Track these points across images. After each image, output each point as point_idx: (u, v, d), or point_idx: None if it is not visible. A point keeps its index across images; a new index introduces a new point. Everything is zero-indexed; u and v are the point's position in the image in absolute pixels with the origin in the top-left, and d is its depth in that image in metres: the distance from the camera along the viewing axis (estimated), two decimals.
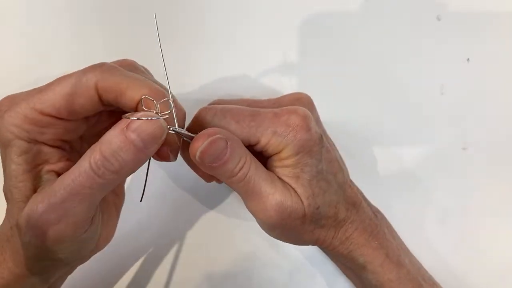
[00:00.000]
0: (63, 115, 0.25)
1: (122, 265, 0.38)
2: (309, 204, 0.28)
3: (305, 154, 0.28)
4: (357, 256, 0.31)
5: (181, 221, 0.39)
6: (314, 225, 0.30)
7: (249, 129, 0.28)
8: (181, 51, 0.38)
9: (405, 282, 0.32)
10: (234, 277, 0.38)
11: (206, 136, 0.26)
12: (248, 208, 0.29)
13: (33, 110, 0.24)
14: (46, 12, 0.38)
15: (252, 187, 0.27)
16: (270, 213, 0.28)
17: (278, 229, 0.29)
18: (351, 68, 0.39)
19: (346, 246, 0.31)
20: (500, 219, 0.38)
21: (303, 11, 0.38)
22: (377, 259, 0.31)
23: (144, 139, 0.23)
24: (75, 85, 0.24)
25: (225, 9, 0.38)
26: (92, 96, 0.25)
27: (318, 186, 0.29)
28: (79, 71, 0.25)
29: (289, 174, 0.28)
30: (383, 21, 0.39)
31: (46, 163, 0.26)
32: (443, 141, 0.39)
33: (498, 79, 0.39)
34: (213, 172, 0.27)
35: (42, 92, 0.25)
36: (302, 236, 0.30)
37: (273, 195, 0.27)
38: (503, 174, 0.39)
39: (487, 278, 0.38)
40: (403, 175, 0.39)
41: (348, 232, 0.31)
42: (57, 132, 0.25)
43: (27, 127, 0.24)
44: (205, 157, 0.26)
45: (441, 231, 0.38)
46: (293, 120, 0.28)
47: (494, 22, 0.39)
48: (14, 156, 0.24)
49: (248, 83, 0.39)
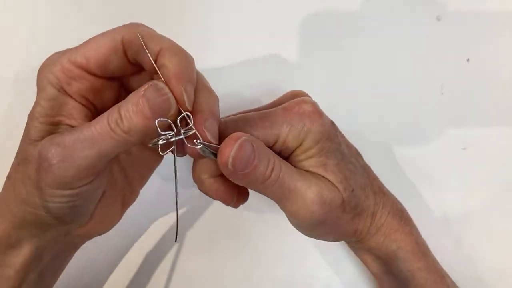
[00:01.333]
0: (92, 67, 0.26)
1: (122, 265, 0.38)
2: (344, 188, 0.28)
3: (326, 140, 0.28)
4: (391, 242, 0.31)
5: (182, 220, 0.39)
6: (353, 212, 0.29)
7: (264, 130, 0.27)
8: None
9: (432, 272, 0.32)
10: (235, 278, 0.38)
11: (234, 140, 0.25)
12: (286, 210, 0.28)
13: (68, 61, 0.25)
14: (48, 7, 0.38)
15: (287, 187, 0.27)
16: (312, 208, 0.27)
17: (321, 225, 0.28)
18: (351, 68, 0.39)
19: (382, 232, 0.31)
20: (500, 219, 0.38)
21: (303, 11, 0.38)
22: (408, 245, 0.31)
23: (153, 108, 0.23)
24: (106, 38, 0.25)
25: (224, 9, 0.39)
26: (118, 48, 0.25)
27: (347, 169, 0.29)
28: (111, 29, 0.26)
29: (315, 164, 0.28)
30: (383, 21, 0.39)
31: (68, 116, 0.27)
32: (443, 141, 0.39)
33: (498, 79, 0.39)
34: (244, 180, 0.26)
35: (80, 46, 0.26)
36: (343, 227, 0.29)
37: (310, 189, 0.27)
38: (503, 174, 0.39)
39: (487, 278, 0.38)
40: (403, 175, 0.39)
41: (383, 218, 0.31)
42: (83, 87, 0.26)
43: (58, 74, 0.26)
44: (237, 164, 0.25)
45: (441, 231, 0.38)
46: (305, 109, 0.28)
47: (494, 22, 0.39)
48: (42, 100, 0.26)
49: (248, 83, 0.39)
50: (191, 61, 0.26)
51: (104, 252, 0.37)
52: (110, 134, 0.24)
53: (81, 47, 0.26)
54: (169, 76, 0.24)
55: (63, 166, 0.24)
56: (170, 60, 0.24)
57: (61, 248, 0.30)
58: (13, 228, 0.27)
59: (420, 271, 0.31)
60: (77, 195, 0.26)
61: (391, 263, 0.32)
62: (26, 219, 0.27)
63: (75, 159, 0.24)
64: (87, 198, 0.27)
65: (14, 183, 0.27)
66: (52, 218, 0.26)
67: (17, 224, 0.27)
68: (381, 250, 0.31)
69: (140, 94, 0.23)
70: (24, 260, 0.28)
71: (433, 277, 0.32)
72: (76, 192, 0.25)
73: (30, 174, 0.25)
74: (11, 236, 0.27)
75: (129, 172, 0.32)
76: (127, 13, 0.38)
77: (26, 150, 0.26)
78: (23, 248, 0.28)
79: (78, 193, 0.25)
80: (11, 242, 0.27)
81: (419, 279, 0.31)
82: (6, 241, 0.27)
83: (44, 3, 0.38)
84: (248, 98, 0.38)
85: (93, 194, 0.27)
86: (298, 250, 0.39)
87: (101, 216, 0.29)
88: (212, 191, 0.29)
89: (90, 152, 0.24)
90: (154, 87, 0.24)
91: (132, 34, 0.25)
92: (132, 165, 0.32)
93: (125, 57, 0.26)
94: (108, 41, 0.25)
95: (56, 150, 0.24)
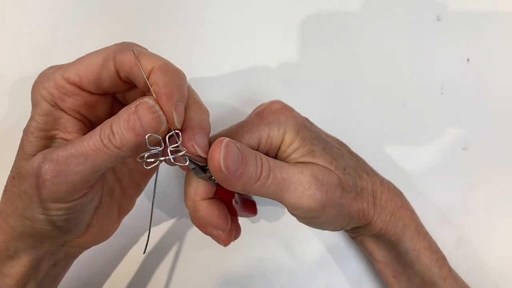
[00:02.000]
0: (85, 85, 0.26)
1: (122, 265, 0.38)
2: (336, 167, 0.29)
3: (304, 129, 0.29)
4: (397, 220, 0.31)
5: (183, 220, 0.39)
6: (354, 191, 0.29)
7: (244, 136, 0.28)
8: (180, 52, 0.38)
9: (435, 251, 0.32)
10: (235, 277, 0.38)
11: (219, 143, 0.25)
12: (288, 203, 0.28)
13: (62, 78, 0.26)
14: (47, 9, 0.38)
15: (281, 178, 0.27)
16: (311, 191, 0.27)
17: (328, 208, 0.28)
18: (351, 68, 0.39)
19: (388, 210, 0.31)
20: (500, 219, 0.38)
21: (303, 11, 0.38)
22: (413, 223, 0.32)
23: (143, 125, 0.24)
24: (98, 57, 0.26)
25: (224, 9, 0.38)
26: (110, 67, 0.26)
27: (333, 152, 0.29)
28: (104, 47, 0.27)
29: (302, 154, 0.28)
30: (383, 21, 0.39)
31: (62, 130, 0.27)
32: (443, 141, 0.39)
33: (498, 79, 0.39)
34: (240, 183, 0.26)
35: (73, 62, 0.27)
36: (350, 208, 0.29)
37: (303, 174, 0.27)
38: (503, 174, 0.39)
39: (487, 278, 0.38)
40: (403, 175, 0.39)
41: (384, 195, 0.31)
42: (76, 103, 0.27)
43: (52, 91, 0.26)
44: (228, 164, 0.25)
45: (441, 231, 0.38)
46: (276, 107, 0.29)
47: (494, 22, 0.39)
48: (36, 115, 0.27)
49: (248, 84, 0.39)
50: (183, 78, 0.26)
51: (104, 252, 0.37)
52: (103, 150, 0.24)
53: (74, 64, 0.26)
54: (160, 95, 0.24)
55: (56, 181, 0.24)
56: (162, 78, 0.25)
57: (59, 258, 0.30)
58: (11, 240, 0.27)
59: (425, 250, 0.32)
60: (72, 208, 0.26)
61: (398, 244, 0.32)
62: (24, 232, 0.27)
63: (68, 174, 0.24)
64: (82, 210, 0.27)
65: (10, 197, 0.27)
66: (49, 230, 0.27)
67: (16, 236, 0.27)
68: (388, 230, 0.31)
69: (131, 110, 0.24)
70: (23, 271, 0.28)
71: (436, 257, 0.32)
72: (71, 205, 0.26)
73: (25, 189, 0.25)
74: (9, 247, 0.28)
75: (124, 182, 0.32)
76: (126, 15, 0.38)
77: (20, 165, 0.26)
78: (21, 259, 0.28)
79: (73, 206, 0.26)
80: (10, 254, 0.28)
81: (424, 258, 0.32)
82: (4, 252, 0.28)
83: (44, 4, 0.38)
84: (244, 100, 0.38)
85: (88, 205, 0.28)
86: (298, 249, 0.39)
87: (98, 226, 0.30)
88: (205, 215, 0.28)
89: (83, 167, 0.24)
90: (145, 104, 0.24)
91: (125, 54, 0.25)
92: (127, 175, 0.32)
93: (117, 75, 0.26)
94: (100, 60, 0.26)
95: (49, 166, 0.24)
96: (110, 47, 0.26)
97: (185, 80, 0.26)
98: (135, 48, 0.26)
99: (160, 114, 0.24)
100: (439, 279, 0.32)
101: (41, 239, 0.28)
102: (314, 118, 0.32)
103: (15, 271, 0.28)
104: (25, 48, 0.38)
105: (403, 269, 0.33)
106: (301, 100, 0.34)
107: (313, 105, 0.36)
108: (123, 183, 0.32)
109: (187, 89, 0.26)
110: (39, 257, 0.29)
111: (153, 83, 0.25)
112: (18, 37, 0.38)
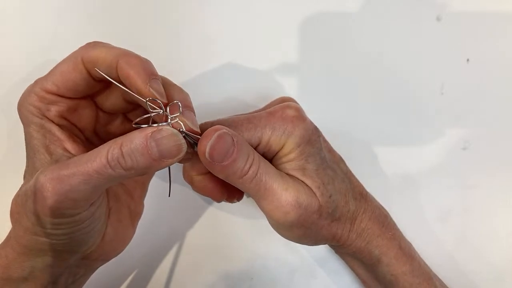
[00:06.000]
0: (62, 91, 0.27)
1: (122, 265, 0.38)
2: (322, 193, 0.28)
3: (306, 144, 0.28)
4: (373, 248, 0.31)
5: (182, 220, 0.39)
6: (330, 218, 0.29)
7: (247, 131, 0.28)
8: (180, 51, 0.38)
9: (418, 275, 0.32)
10: (236, 277, 0.38)
11: (213, 131, 0.25)
12: (262, 209, 0.28)
13: (41, 90, 0.27)
14: (48, 9, 0.38)
15: (264, 185, 0.27)
16: (286, 209, 0.27)
17: (296, 228, 0.28)
18: (351, 68, 0.39)
19: (363, 238, 0.31)
20: (500, 219, 0.38)
21: (303, 11, 0.38)
22: (391, 250, 0.31)
23: (162, 152, 0.24)
24: (68, 63, 0.27)
25: (224, 9, 0.38)
26: (80, 70, 0.26)
27: (326, 174, 0.29)
28: (72, 52, 0.27)
29: (295, 167, 0.28)
30: (383, 21, 0.39)
31: (57, 141, 0.27)
32: (443, 141, 0.39)
33: (498, 79, 0.39)
34: (223, 173, 0.27)
35: (49, 74, 0.27)
36: (320, 232, 0.29)
37: (287, 191, 0.27)
38: (503, 174, 0.39)
39: (487, 278, 0.38)
40: (403, 175, 0.39)
41: (363, 223, 0.31)
42: (61, 109, 0.27)
43: (37, 104, 0.27)
44: (214, 154, 0.25)
45: (441, 231, 0.38)
46: (288, 113, 0.29)
47: (494, 22, 0.39)
48: (33, 132, 0.27)
49: (248, 84, 0.39)
50: (149, 61, 0.26)
51: None
52: (108, 172, 0.24)
53: (49, 76, 0.27)
54: (134, 77, 0.25)
55: (58, 199, 0.24)
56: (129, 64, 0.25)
57: (79, 273, 0.30)
58: (27, 261, 0.27)
59: (405, 275, 0.31)
60: (78, 221, 0.26)
61: (375, 268, 0.32)
62: (42, 250, 0.27)
63: (70, 193, 0.24)
64: (90, 220, 0.27)
65: (19, 218, 0.27)
66: (65, 244, 0.27)
67: (31, 255, 0.27)
68: (363, 255, 0.32)
69: (147, 135, 0.24)
70: None
71: (418, 280, 0.32)
72: (76, 218, 0.26)
73: (30, 206, 0.25)
74: (24, 269, 0.27)
75: (128, 184, 0.32)
76: (126, 13, 0.38)
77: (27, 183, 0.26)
78: (38, 279, 0.28)
79: (79, 219, 0.26)
80: (25, 275, 0.27)
81: (403, 282, 0.31)
82: (19, 274, 0.27)
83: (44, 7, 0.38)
84: (246, 102, 0.38)
85: (96, 213, 0.27)
86: (299, 249, 0.39)
87: (113, 233, 0.30)
88: (200, 188, 0.30)
89: (85, 187, 0.24)
90: (167, 132, 0.24)
91: (89, 54, 0.26)
92: None
93: (90, 76, 0.27)
94: (71, 66, 0.26)
95: (50, 184, 0.24)
96: (76, 51, 0.27)
97: (151, 64, 0.26)
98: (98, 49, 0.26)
99: (183, 143, 0.25)
100: None
101: (60, 254, 0.27)
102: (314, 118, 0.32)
103: None
104: (25, 48, 0.38)
105: None
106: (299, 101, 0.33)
107: (313, 105, 0.36)
108: (127, 186, 0.32)
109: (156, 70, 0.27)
110: (58, 274, 0.28)
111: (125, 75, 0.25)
112: (18, 37, 0.38)
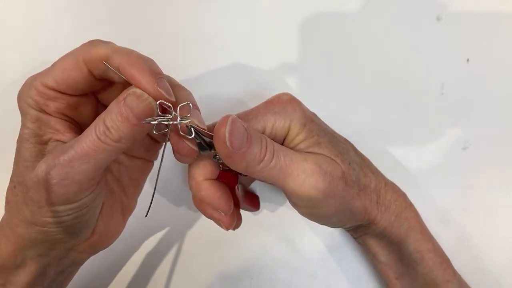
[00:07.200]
0: (63, 88, 0.27)
1: (122, 265, 0.38)
2: (342, 160, 0.28)
3: (311, 122, 0.29)
4: (402, 221, 0.31)
5: (182, 220, 0.39)
6: (356, 186, 0.29)
7: (250, 122, 0.28)
8: (180, 51, 0.38)
9: (439, 254, 0.32)
10: (236, 277, 0.38)
11: (225, 118, 0.25)
12: (289, 189, 0.27)
13: (41, 84, 0.27)
14: (48, 9, 0.38)
15: (284, 164, 0.26)
16: (313, 179, 0.26)
17: (330, 199, 0.27)
18: (351, 68, 0.39)
19: (392, 210, 0.31)
20: (500, 219, 0.38)
21: (304, 11, 0.38)
22: (418, 225, 0.31)
23: (137, 114, 0.24)
24: (69, 60, 0.27)
25: (224, 9, 0.38)
26: (81, 68, 0.26)
27: (340, 146, 0.29)
28: (74, 49, 0.27)
29: (309, 145, 0.28)
30: (383, 21, 0.39)
31: (55, 133, 0.28)
32: (443, 141, 0.39)
33: (498, 79, 0.39)
34: (243, 162, 0.26)
35: (50, 68, 0.27)
36: (352, 202, 0.29)
37: (307, 161, 0.27)
38: (503, 174, 0.39)
39: (487, 278, 0.38)
40: (403, 175, 0.39)
41: (388, 195, 0.31)
42: (60, 106, 0.27)
43: (36, 98, 0.27)
44: (233, 140, 0.25)
45: (441, 230, 0.38)
46: (284, 98, 0.29)
47: (494, 22, 0.39)
48: (27, 122, 0.27)
49: (248, 83, 0.39)
50: (152, 60, 0.27)
51: (104, 252, 0.37)
52: (102, 146, 0.25)
53: (50, 71, 0.27)
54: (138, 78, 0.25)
55: (64, 183, 0.25)
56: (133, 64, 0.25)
57: (66, 264, 0.30)
58: (20, 249, 0.28)
59: (429, 252, 0.31)
60: (80, 207, 0.27)
61: (401, 245, 0.32)
62: (36, 239, 0.27)
63: (74, 175, 0.25)
64: (88, 209, 0.28)
65: (16, 207, 0.27)
66: (59, 234, 0.27)
67: (25, 245, 0.28)
68: (392, 231, 0.31)
69: (121, 103, 0.24)
70: (30, 278, 0.28)
71: (440, 259, 0.32)
72: (79, 204, 0.26)
73: (31, 196, 0.26)
74: (17, 257, 0.28)
75: (123, 181, 0.32)
76: (126, 13, 0.38)
77: (21, 173, 0.27)
78: (28, 267, 0.28)
79: (80, 205, 0.27)
80: (17, 262, 0.28)
81: (428, 260, 0.31)
82: (12, 261, 0.28)
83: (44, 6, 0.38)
84: (246, 102, 0.39)
85: (93, 203, 0.28)
86: (299, 249, 0.39)
87: (103, 227, 0.30)
88: (208, 196, 0.28)
89: (87, 166, 0.25)
90: (134, 95, 0.24)
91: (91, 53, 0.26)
92: (124, 173, 0.32)
93: (91, 75, 0.27)
94: (72, 63, 0.26)
95: (54, 171, 0.25)
96: (78, 48, 0.27)
97: (155, 63, 0.27)
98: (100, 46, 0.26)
99: (150, 101, 0.25)
100: (442, 281, 0.32)
101: (51, 244, 0.28)
102: None
103: (22, 279, 0.28)
104: (25, 48, 0.38)
105: (406, 271, 0.33)
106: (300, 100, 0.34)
107: (313, 105, 0.36)
108: (122, 182, 0.32)
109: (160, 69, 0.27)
110: (46, 264, 0.29)
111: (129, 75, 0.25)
112: (18, 37, 0.38)
